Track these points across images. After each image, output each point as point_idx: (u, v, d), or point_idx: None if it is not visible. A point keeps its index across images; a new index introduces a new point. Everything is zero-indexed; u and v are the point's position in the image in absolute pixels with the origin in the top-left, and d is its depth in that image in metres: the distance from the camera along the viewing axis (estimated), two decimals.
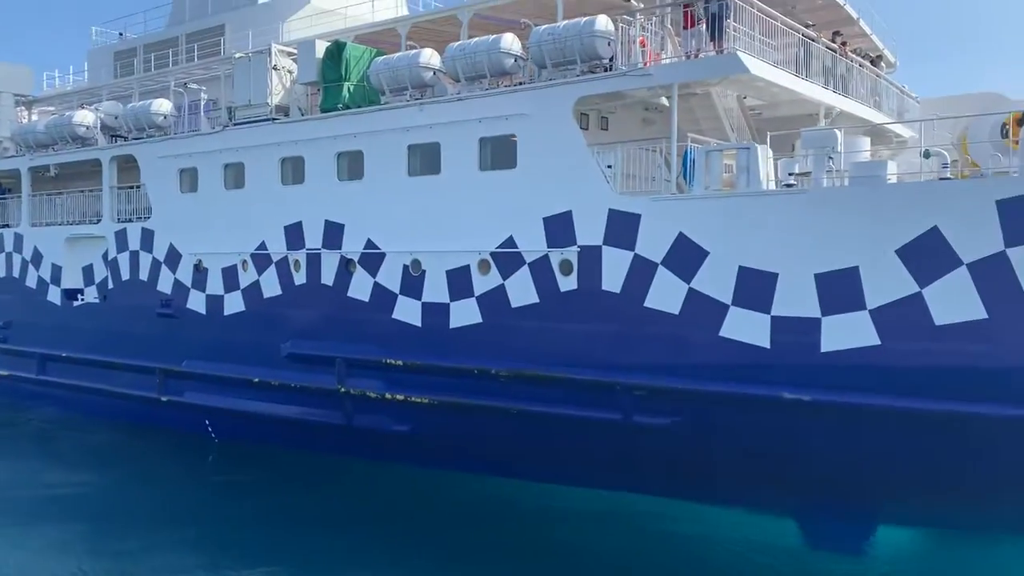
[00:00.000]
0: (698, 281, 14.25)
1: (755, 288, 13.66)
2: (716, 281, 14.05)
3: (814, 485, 14.17)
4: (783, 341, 13.47)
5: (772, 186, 13.87)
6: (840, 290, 12.91)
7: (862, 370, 12.78)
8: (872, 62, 20.70)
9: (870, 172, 12.83)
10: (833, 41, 18.26)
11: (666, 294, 14.60)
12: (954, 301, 12.05)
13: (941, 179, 12.75)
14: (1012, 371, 11.73)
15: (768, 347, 13.60)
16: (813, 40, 17.07)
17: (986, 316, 11.86)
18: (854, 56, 18.95)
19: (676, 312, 14.52)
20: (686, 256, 14.35)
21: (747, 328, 13.78)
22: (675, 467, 15.19)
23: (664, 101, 16.43)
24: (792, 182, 13.71)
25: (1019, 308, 11.67)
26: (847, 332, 12.88)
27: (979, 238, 11.85)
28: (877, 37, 22.71)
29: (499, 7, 19.11)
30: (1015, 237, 11.64)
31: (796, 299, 13.31)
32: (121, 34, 32.00)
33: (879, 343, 12.64)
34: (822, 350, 13.13)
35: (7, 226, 28.11)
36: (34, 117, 30.28)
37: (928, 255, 12.22)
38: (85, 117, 25.50)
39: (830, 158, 13.23)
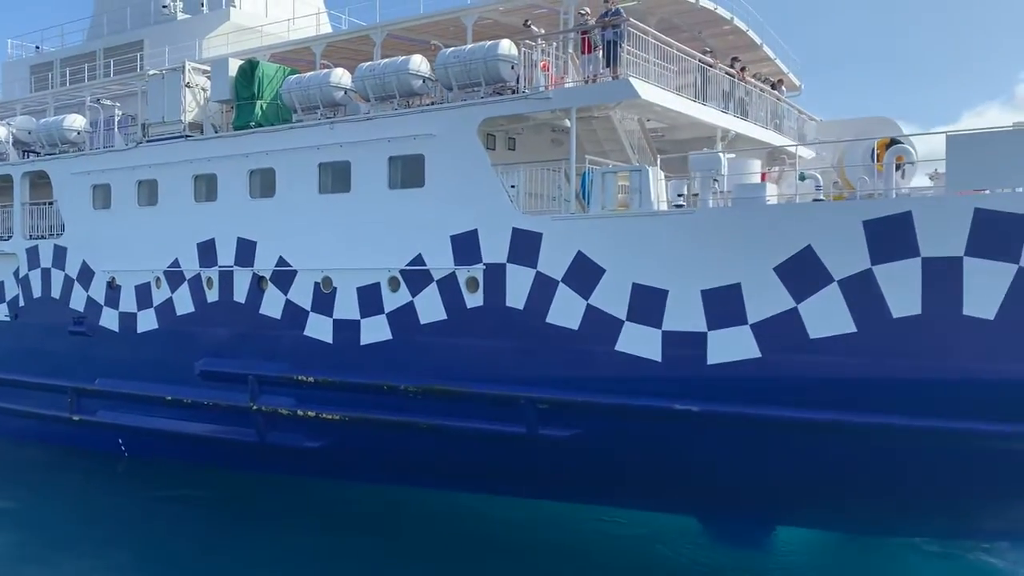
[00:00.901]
0: (595, 298, 14.76)
1: (647, 304, 14.23)
2: (612, 297, 14.58)
3: (709, 490, 14.79)
4: (673, 355, 14.05)
5: (663, 207, 14.47)
6: (724, 306, 13.55)
7: (745, 381, 13.41)
8: (773, 86, 21.62)
9: (750, 194, 13.53)
10: (731, 67, 19.07)
11: (566, 310, 15.08)
12: (826, 316, 12.77)
13: (814, 200, 13.52)
14: (877, 381, 12.47)
15: (660, 360, 14.16)
16: (711, 66, 17.82)
17: (855, 330, 12.60)
18: (752, 81, 19.78)
19: (576, 327, 15.01)
20: (584, 273, 14.86)
21: (641, 342, 14.33)
22: (578, 476, 15.67)
23: (568, 123, 16.96)
24: (681, 203, 14.34)
25: (884, 322, 12.42)
26: (731, 345, 13.51)
27: (848, 256, 12.61)
28: (781, 62, 23.78)
29: (412, 28, 19.57)
30: (880, 255, 12.42)
31: (685, 314, 13.91)
32: (38, 47, 31.52)
33: (760, 356, 13.29)
34: (708, 363, 13.74)
35: None
36: None
37: (803, 272, 12.93)
38: None
39: (715, 180, 13.88)
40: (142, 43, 26.97)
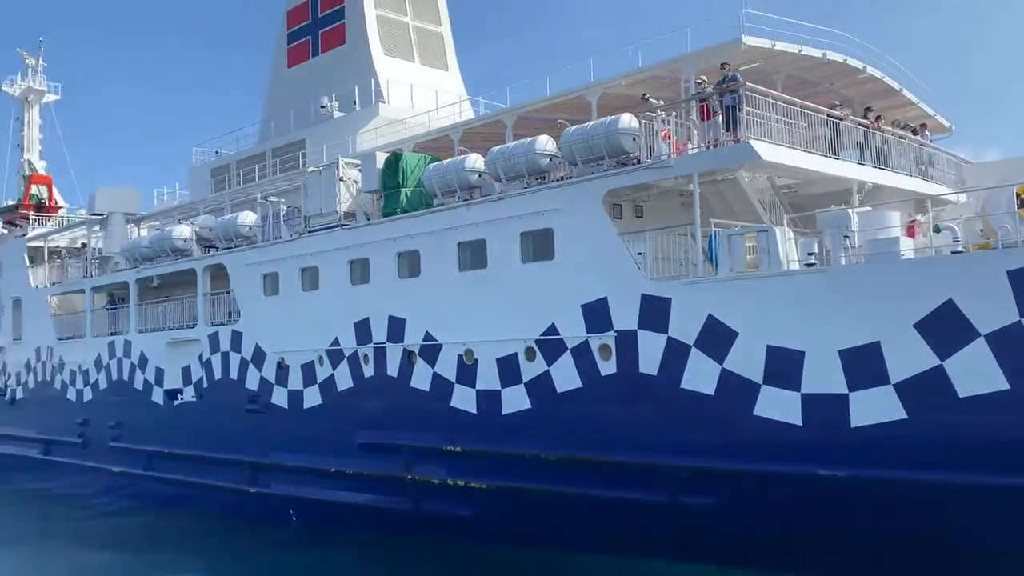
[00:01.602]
0: (730, 361, 14.64)
1: (784, 366, 13.96)
2: (747, 361, 14.41)
3: (856, 556, 14.04)
4: (814, 418, 13.63)
5: (794, 266, 14.25)
6: (864, 365, 13.08)
7: (892, 444, 12.80)
8: (915, 131, 20.81)
9: (883, 249, 13.10)
10: (865, 116, 18.61)
11: (701, 375, 15.02)
12: (975, 372, 12.06)
13: (953, 252, 12.90)
14: None
15: (800, 424, 13.78)
16: (840, 119, 17.50)
17: (1008, 387, 11.81)
18: (888, 129, 19.17)
19: (711, 392, 14.90)
20: (717, 337, 14.79)
21: (779, 406, 14.02)
22: (724, 541, 15.31)
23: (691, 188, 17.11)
24: (812, 261, 14.07)
25: None
26: (874, 407, 12.97)
27: (994, 309, 11.92)
28: (926, 104, 22.88)
29: (540, 108, 20.47)
30: None
31: (823, 376, 13.53)
32: (217, 152, 35.15)
33: (906, 417, 12.68)
34: (852, 425, 13.23)
35: (118, 333, 30.75)
36: (143, 232, 33.32)
37: (946, 328, 12.32)
38: (182, 231, 28.06)
39: (846, 236, 13.56)
40: (304, 142, 29.55)
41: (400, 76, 30.63)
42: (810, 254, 14.10)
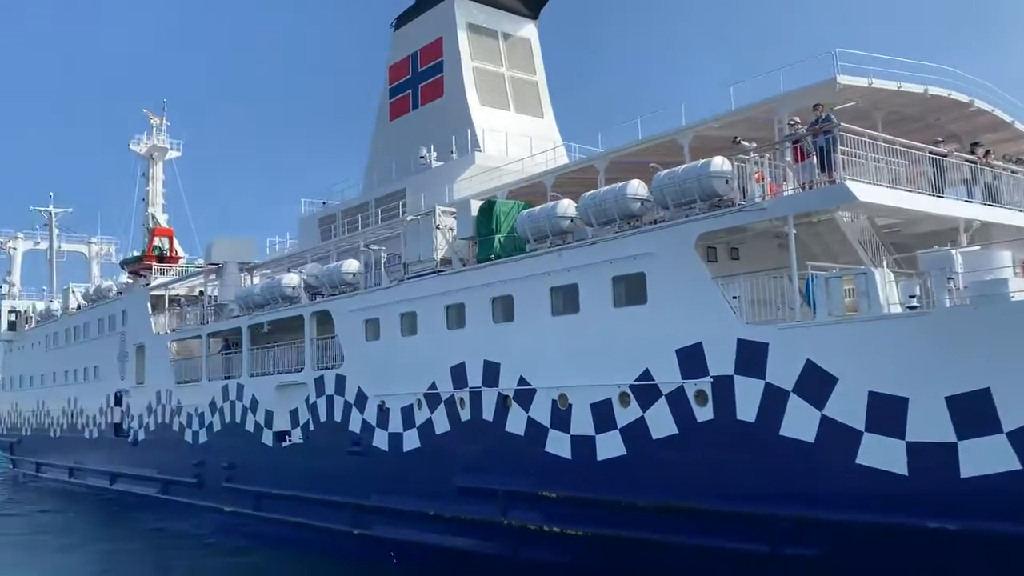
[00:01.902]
0: (830, 408, 14.20)
1: (887, 413, 13.44)
2: (848, 407, 13.95)
3: None
4: (921, 467, 13.04)
5: (895, 309, 13.77)
6: (974, 413, 12.46)
7: (1005, 496, 12.09)
8: None
9: (992, 291, 12.53)
10: (972, 152, 17.92)
11: (800, 422, 14.61)
12: None
13: None
14: None
15: (906, 474, 13.20)
16: (944, 155, 16.92)
17: None
18: (998, 164, 18.38)
19: (812, 440, 14.46)
20: (816, 383, 14.39)
21: (883, 455, 13.48)
22: None
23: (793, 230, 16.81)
24: (914, 304, 13.57)
25: None
26: (986, 456, 12.32)
27: None
28: None
29: (632, 153, 20.61)
30: None
31: (930, 423, 12.95)
32: (324, 203, 36.69)
33: (1020, 467, 11.98)
34: (962, 476, 12.58)
35: (231, 377, 32.21)
36: (256, 280, 34.97)
37: None
38: (291, 279, 29.32)
39: (950, 278, 13.04)
40: (404, 191, 30.54)
41: (495, 125, 31.40)
42: (912, 296, 13.61)
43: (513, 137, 31.20)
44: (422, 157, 31.02)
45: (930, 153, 16.64)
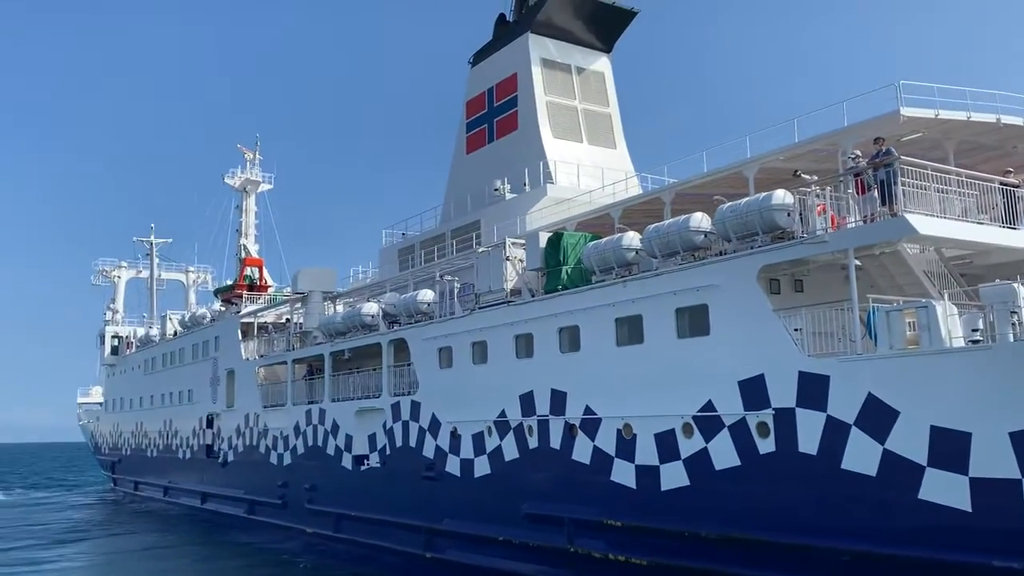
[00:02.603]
0: (892, 442, 14.11)
1: (950, 448, 13.29)
2: (910, 441, 13.84)
3: None
4: (985, 504, 12.84)
5: (957, 342, 13.64)
6: None
7: None
8: None
9: None
10: None
11: (862, 455, 14.54)
12: None
13: None
14: None
15: (970, 510, 13.01)
16: (1016, 186, 16.66)
17: None
18: None
19: (873, 474, 14.37)
20: (877, 416, 14.33)
21: (946, 490, 13.32)
22: None
23: (857, 262, 16.79)
24: (977, 338, 13.42)
25: None
26: None
27: None
28: None
29: (697, 185, 20.87)
30: None
31: (994, 459, 12.76)
32: (403, 234, 37.94)
33: None
34: None
35: (314, 402, 33.50)
36: (339, 308, 36.32)
37: None
38: (371, 308, 30.45)
39: (1013, 312, 12.88)
40: (479, 223, 31.40)
41: (568, 156, 32.06)
42: (974, 330, 13.46)
43: (585, 168, 31.79)
44: (496, 189, 31.87)
45: (1000, 183, 16.38)
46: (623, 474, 19.11)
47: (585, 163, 32.33)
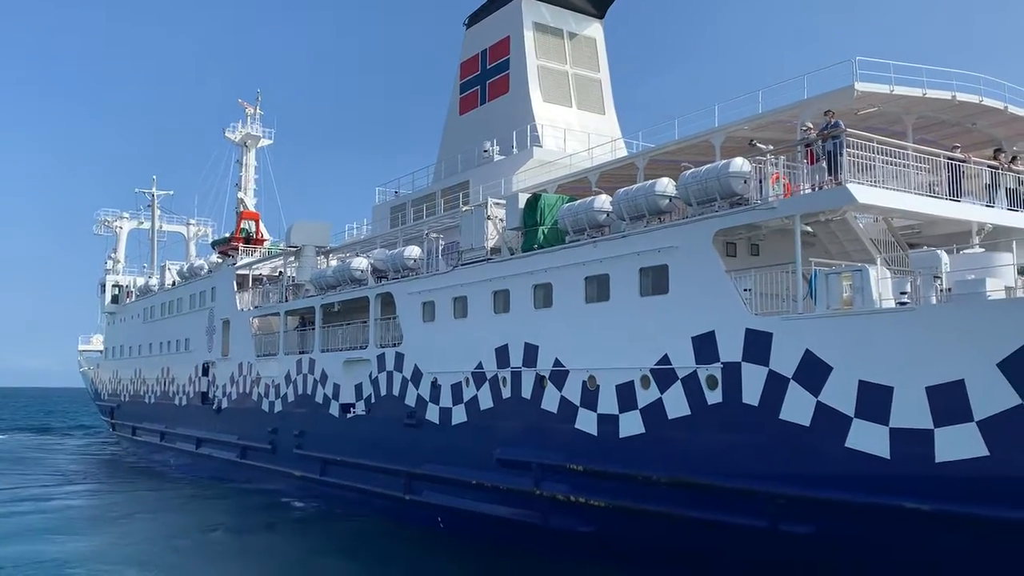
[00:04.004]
0: (824, 394, 15.27)
1: (874, 401, 14.45)
2: (840, 394, 15.00)
3: None
4: (902, 452, 14.02)
5: (887, 304, 14.73)
6: (949, 402, 13.39)
7: (974, 481, 13.00)
8: None
9: (970, 290, 13.40)
10: (995, 158, 18.49)
11: (798, 407, 15.72)
12: None
13: None
14: None
15: (888, 458, 14.20)
16: (963, 161, 17.62)
17: None
18: (1020, 169, 18.85)
19: (807, 424, 15.55)
20: (813, 371, 15.47)
21: (869, 439, 14.50)
22: (821, 572, 15.78)
23: (807, 228, 17.82)
24: (905, 300, 14.51)
25: None
26: (958, 443, 13.24)
27: None
28: None
29: (669, 152, 21.84)
30: None
31: (911, 411, 13.92)
32: (396, 192, 38.87)
33: (988, 454, 12.87)
34: (936, 460, 13.53)
35: (304, 352, 34.74)
36: (332, 263, 37.34)
37: None
38: (360, 263, 31.52)
39: (936, 277, 13.95)
40: (468, 183, 32.33)
41: (556, 120, 32.87)
42: (903, 293, 14.54)
43: (573, 133, 32.62)
44: (486, 151, 32.75)
45: (947, 158, 17.34)
46: (586, 422, 20.34)
47: (574, 127, 33.16)
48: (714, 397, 17.27)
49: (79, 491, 37.86)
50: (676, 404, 18.06)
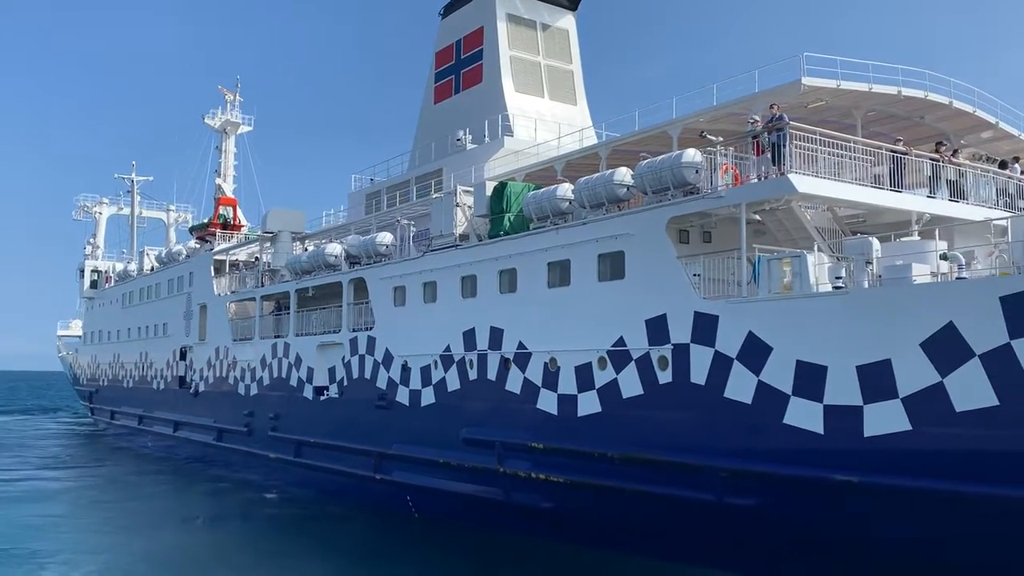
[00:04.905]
0: (765, 374, 16.13)
1: (810, 379, 15.31)
2: (779, 373, 15.86)
3: (875, 559, 15.05)
4: (834, 427, 14.91)
5: (823, 288, 15.58)
6: (877, 380, 14.26)
7: (898, 454, 13.89)
8: (1002, 164, 21.13)
9: (897, 275, 14.26)
10: (936, 151, 19.37)
11: (741, 386, 16.57)
12: (970, 389, 13.03)
13: (958, 279, 13.88)
14: (1018, 454, 12.40)
15: (823, 433, 15.08)
16: (904, 153, 18.48)
17: (997, 403, 12.72)
18: (960, 162, 19.76)
19: (749, 402, 16.41)
20: (755, 351, 16.32)
21: (805, 416, 15.37)
22: (763, 543, 16.67)
23: (756, 216, 18.64)
24: (840, 285, 15.36)
25: None
26: (884, 418, 14.13)
27: (987, 331, 12.88)
28: None
29: (631, 142, 22.59)
30: (1018, 329, 12.56)
31: (843, 389, 14.79)
32: (372, 179, 39.42)
33: (910, 428, 13.76)
34: (865, 435, 14.42)
35: (280, 336, 35.32)
36: (310, 248, 37.83)
37: (946, 348, 13.36)
38: (334, 249, 32.10)
39: (868, 263, 14.80)
40: (441, 171, 32.95)
41: (528, 110, 33.52)
42: (838, 278, 15.38)
43: (545, 123, 33.28)
44: (458, 139, 33.36)
45: (888, 151, 18.19)
46: (547, 402, 21.13)
47: (545, 117, 33.80)
48: (665, 377, 18.10)
49: (54, 476, 38.39)
50: (630, 384, 18.87)
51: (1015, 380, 12.58)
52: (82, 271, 63.92)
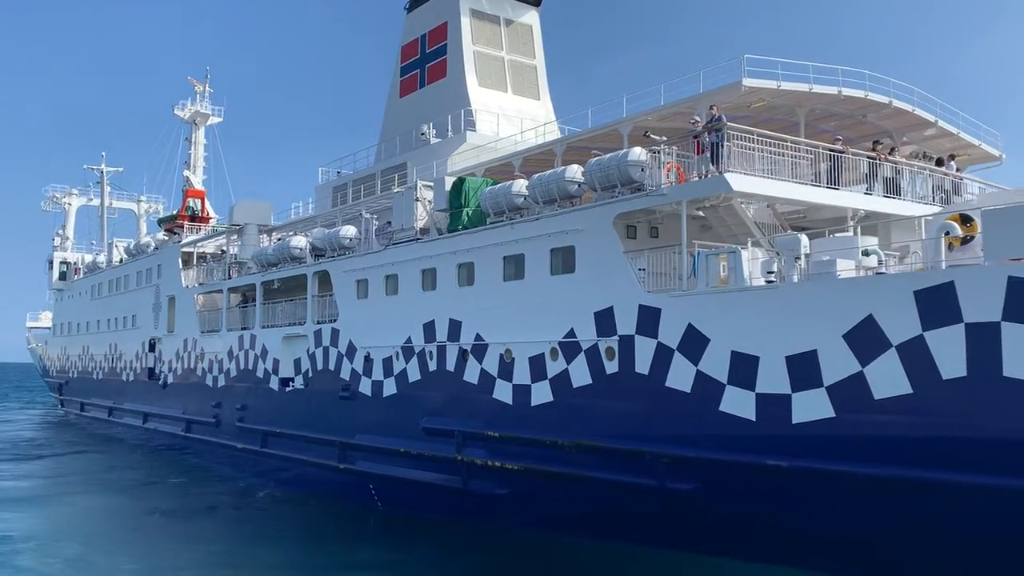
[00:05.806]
0: (703, 364, 16.87)
1: (743, 369, 16.07)
2: (715, 363, 16.61)
3: (805, 541, 15.88)
4: (765, 414, 15.69)
5: (756, 282, 16.34)
6: (804, 370, 15.04)
7: (823, 439, 14.69)
8: (939, 162, 22.00)
9: (823, 270, 15.03)
10: (873, 150, 20.17)
11: (681, 375, 17.31)
12: (887, 378, 13.83)
13: (877, 274, 14.68)
14: (931, 440, 13.22)
15: (755, 420, 15.86)
16: (842, 152, 19.27)
17: (911, 391, 13.53)
18: (895, 159, 20.58)
19: (688, 390, 17.16)
20: (694, 343, 17.06)
21: (739, 403, 16.14)
22: (703, 526, 17.46)
23: (700, 213, 19.37)
24: (771, 279, 16.12)
25: (935, 384, 13.25)
26: (810, 406, 14.92)
27: (903, 323, 13.67)
28: (972, 136, 23.89)
29: (584, 139, 23.24)
30: (929, 322, 13.37)
31: (773, 378, 15.56)
32: (338, 172, 39.76)
33: (834, 415, 14.56)
34: (793, 422, 15.21)
35: (246, 328, 35.69)
36: (276, 241, 38.16)
37: (866, 339, 14.15)
38: (299, 241, 32.53)
39: (797, 258, 15.56)
40: (406, 165, 33.41)
41: (491, 105, 34.03)
42: (770, 272, 16.14)
43: (508, 117, 33.83)
44: (423, 133, 33.83)
45: (826, 150, 18.96)
46: (503, 392, 21.79)
47: (509, 112, 34.34)
48: (611, 367, 18.80)
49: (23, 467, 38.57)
50: (580, 374, 19.57)
51: (927, 369, 13.38)
52: (51, 263, 63.66)
